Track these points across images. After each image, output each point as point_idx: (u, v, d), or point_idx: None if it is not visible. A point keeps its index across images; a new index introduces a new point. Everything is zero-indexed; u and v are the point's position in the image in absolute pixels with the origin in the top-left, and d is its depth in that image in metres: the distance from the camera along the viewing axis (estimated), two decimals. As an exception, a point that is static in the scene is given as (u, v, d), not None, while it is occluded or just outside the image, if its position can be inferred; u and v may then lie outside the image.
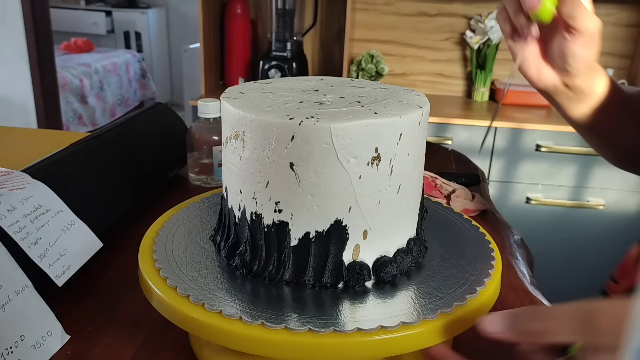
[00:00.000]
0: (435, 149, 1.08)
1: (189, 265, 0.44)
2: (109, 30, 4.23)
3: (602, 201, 1.72)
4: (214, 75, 2.00)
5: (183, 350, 0.46)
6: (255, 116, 0.39)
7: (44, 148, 0.71)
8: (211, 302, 0.38)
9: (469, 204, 0.75)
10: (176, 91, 4.48)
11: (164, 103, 0.87)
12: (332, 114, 0.39)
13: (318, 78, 0.51)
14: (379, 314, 0.38)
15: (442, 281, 0.42)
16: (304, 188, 0.39)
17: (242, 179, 0.42)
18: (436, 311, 0.38)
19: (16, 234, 0.47)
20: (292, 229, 0.41)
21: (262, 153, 0.40)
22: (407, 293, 0.41)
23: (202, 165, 0.80)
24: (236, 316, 0.37)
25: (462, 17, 1.94)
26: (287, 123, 0.38)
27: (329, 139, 0.38)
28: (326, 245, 0.41)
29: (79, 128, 3.13)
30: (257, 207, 0.41)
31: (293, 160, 0.39)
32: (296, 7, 1.93)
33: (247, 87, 0.48)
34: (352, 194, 0.40)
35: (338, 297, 0.40)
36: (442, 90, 2.04)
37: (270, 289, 0.41)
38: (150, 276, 0.42)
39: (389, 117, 0.39)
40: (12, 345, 0.42)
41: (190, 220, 0.51)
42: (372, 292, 0.41)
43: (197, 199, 0.56)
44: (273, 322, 0.36)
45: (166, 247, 0.46)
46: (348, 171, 0.39)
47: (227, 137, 0.43)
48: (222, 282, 0.42)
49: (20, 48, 2.12)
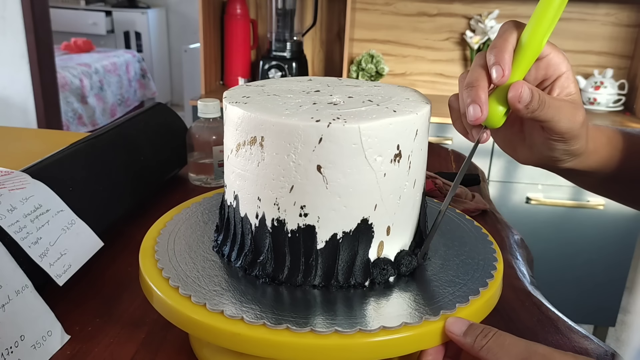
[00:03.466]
0: (435, 149, 1.08)
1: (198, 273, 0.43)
2: (109, 30, 4.23)
3: (602, 201, 1.72)
4: (214, 75, 2.00)
5: (183, 350, 0.46)
6: (277, 120, 0.38)
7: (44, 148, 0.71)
8: (230, 309, 0.38)
9: (469, 204, 0.75)
10: (176, 91, 4.48)
11: (164, 103, 0.87)
12: (355, 114, 0.39)
13: (307, 78, 0.51)
14: (402, 311, 0.39)
15: (447, 279, 0.43)
16: (331, 190, 0.39)
17: (261, 185, 0.40)
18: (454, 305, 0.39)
19: (16, 233, 0.47)
20: (318, 231, 0.40)
21: (286, 157, 0.39)
22: (428, 285, 0.42)
23: (202, 165, 0.80)
24: (257, 322, 0.37)
25: (462, 17, 1.94)
26: (314, 125, 0.38)
27: (358, 139, 0.38)
28: (354, 244, 0.41)
29: (79, 128, 3.13)
30: (280, 213, 0.40)
31: (320, 162, 0.38)
32: (296, 7, 1.93)
33: (248, 90, 0.46)
34: (378, 192, 0.40)
35: (365, 295, 0.41)
36: (442, 90, 2.04)
37: (294, 292, 0.41)
38: (151, 277, 0.42)
39: (406, 114, 0.40)
40: (12, 345, 0.42)
41: (191, 221, 0.51)
42: (395, 288, 0.42)
43: (200, 199, 0.56)
44: (299, 325, 0.36)
45: (168, 249, 0.46)
46: (374, 170, 0.39)
47: (238, 143, 0.42)
48: (231, 284, 0.41)
49: (20, 48, 2.12)
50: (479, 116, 0.42)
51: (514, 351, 0.35)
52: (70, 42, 3.65)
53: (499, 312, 0.43)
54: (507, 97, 0.42)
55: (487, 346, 0.35)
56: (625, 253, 1.77)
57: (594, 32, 1.89)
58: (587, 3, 1.86)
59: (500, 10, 1.88)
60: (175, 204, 0.55)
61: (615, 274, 1.79)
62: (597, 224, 1.75)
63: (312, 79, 0.51)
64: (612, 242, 1.76)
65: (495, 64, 0.42)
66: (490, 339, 0.36)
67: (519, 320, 0.53)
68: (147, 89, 3.96)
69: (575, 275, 1.81)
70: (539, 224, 1.77)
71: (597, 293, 1.82)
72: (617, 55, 1.91)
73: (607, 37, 1.89)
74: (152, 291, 0.41)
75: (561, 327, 0.51)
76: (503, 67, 0.42)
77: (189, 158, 0.81)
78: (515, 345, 0.35)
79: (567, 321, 0.52)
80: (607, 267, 1.79)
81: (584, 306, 1.85)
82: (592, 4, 1.86)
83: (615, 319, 1.85)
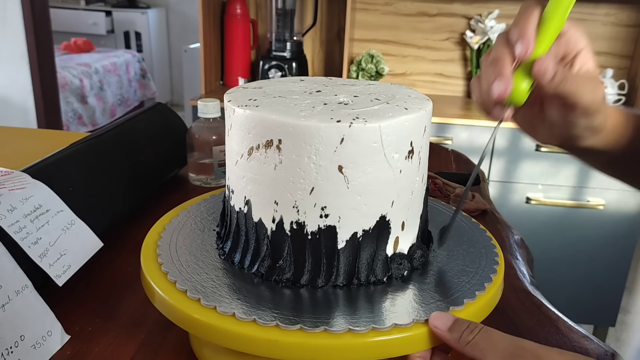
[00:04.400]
0: (435, 149, 1.08)
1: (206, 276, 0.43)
2: (109, 30, 4.23)
3: (602, 201, 1.72)
4: (214, 75, 2.00)
5: (183, 350, 0.46)
6: (295, 122, 0.38)
7: (44, 148, 0.71)
8: (248, 312, 0.37)
9: (469, 204, 0.75)
10: (176, 91, 4.48)
11: (164, 103, 0.87)
12: (371, 113, 0.40)
13: (298, 79, 0.51)
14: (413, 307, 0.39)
15: (453, 276, 0.44)
16: (352, 189, 0.39)
17: (279, 189, 0.40)
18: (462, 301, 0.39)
19: (16, 234, 0.47)
20: (339, 231, 0.40)
21: (307, 159, 0.38)
22: (444, 276, 0.43)
23: (202, 165, 0.80)
24: (272, 324, 0.36)
25: (462, 17, 1.94)
26: (335, 126, 0.38)
27: (378, 138, 0.39)
28: (373, 242, 0.41)
29: (79, 128, 3.13)
30: (299, 216, 0.40)
31: (342, 162, 0.38)
32: (296, 7, 1.93)
33: (249, 92, 0.45)
34: (395, 189, 0.41)
35: (385, 292, 0.41)
36: (442, 90, 2.04)
37: (314, 293, 0.41)
38: (154, 278, 0.42)
39: (417, 111, 0.41)
40: (12, 345, 0.42)
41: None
42: (411, 282, 0.43)
43: (205, 197, 0.56)
44: (312, 325, 0.36)
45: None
46: (392, 167, 0.40)
47: (251, 147, 0.41)
48: (244, 288, 0.41)
49: (20, 48, 2.12)
50: (504, 91, 0.42)
51: (500, 347, 0.34)
52: (70, 42, 3.65)
53: (499, 312, 0.43)
54: (530, 73, 0.43)
55: (474, 342, 0.35)
56: (625, 253, 1.77)
57: (594, 32, 1.89)
58: (587, 3, 1.86)
59: (500, 10, 1.88)
60: (175, 204, 0.55)
61: (615, 274, 1.79)
62: (597, 224, 1.75)
63: (304, 79, 0.50)
64: (612, 242, 1.76)
65: (519, 39, 0.43)
66: (477, 334, 0.35)
67: (519, 320, 0.53)
68: (147, 89, 3.96)
69: (575, 275, 1.81)
70: (539, 224, 1.77)
71: (597, 293, 1.82)
72: (617, 55, 1.91)
73: (607, 37, 1.89)
74: (165, 300, 0.41)
75: (561, 327, 0.51)
76: (527, 42, 0.42)
77: (189, 158, 0.81)
78: (502, 341, 0.35)
79: (567, 321, 0.52)
80: (607, 267, 1.79)
81: (584, 306, 1.85)
82: (592, 4, 1.86)
83: (615, 319, 1.85)
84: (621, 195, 1.71)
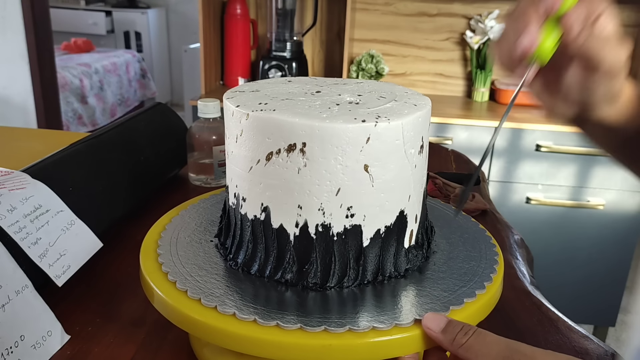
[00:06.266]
0: (435, 149, 1.08)
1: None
2: (109, 30, 4.23)
3: (602, 201, 1.72)
4: (214, 75, 2.00)
5: (183, 350, 0.46)
6: (321, 124, 0.38)
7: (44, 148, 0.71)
8: (266, 316, 0.37)
9: (469, 204, 0.75)
10: (176, 91, 4.48)
11: (164, 103, 0.87)
12: (388, 111, 0.41)
13: (286, 79, 0.51)
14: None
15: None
16: (377, 187, 0.40)
17: (303, 192, 0.40)
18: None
19: (16, 234, 0.47)
20: (364, 230, 0.41)
21: (333, 161, 0.38)
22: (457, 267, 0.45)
23: (202, 165, 0.80)
24: (293, 327, 0.36)
25: (462, 17, 1.94)
26: (362, 126, 0.38)
27: (400, 135, 0.40)
28: (393, 237, 0.42)
29: (79, 128, 3.13)
30: (325, 218, 0.40)
31: (367, 162, 0.39)
32: (296, 7, 1.93)
33: (251, 97, 0.44)
34: (412, 183, 0.42)
35: (402, 286, 0.42)
36: (442, 90, 2.04)
37: (340, 293, 0.41)
38: (153, 279, 0.42)
39: (424, 107, 0.43)
40: (12, 345, 0.42)
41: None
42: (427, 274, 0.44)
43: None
44: (336, 326, 0.36)
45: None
46: (410, 163, 0.41)
47: (270, 152, 0.40)
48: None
49: (20, 48, 2.12)
50: (530, 46, 0.42)
51: (495, 350, 0.34)
52: (70, 42, 3.65)
53: (499, 312, 0.43)
54: (555, 30, 0.43)
55: (467, 344, 0.34)
56: (625, 253, 1.77)
57: (594, 32, 1.89)
58: (587, 3, 1.85)
59: (500, 10, 1.88)
60: (175, 204, 0.55)
61: (615, 274, 1.79)
62: (597, 224, 1.75)
63: (291, 80, 0.50)
64: (612, 242, 1.76)
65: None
66: (471, 336, 0.35)
67: (519, 320, 0.53)
68: (147, 89, 3.96)
69: (575, 275, 1.81)
70: (539, 224, 1.77)
71: (597, 293, 1.82)
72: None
73: (607, 37, 1.89)
74: (164, 300, 0.41)
75: (561, 327, 0.51)
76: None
77: (189, 158, 0.81)
78: (496, 343, 0.34)
79: (567, 321, 0.52)
80: (607, 267, 1.79)
81: (584, 306, 1.85)
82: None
83: (615, 319, 1.85)
84: (621, 195, 1.71)
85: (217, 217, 0.52)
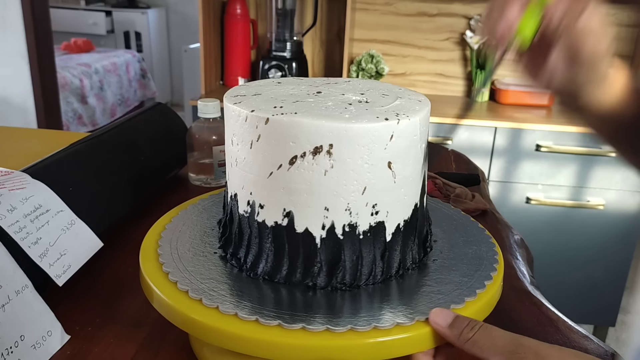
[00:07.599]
0: (435, 149, 1.08)
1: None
2: (109, 30, 4.23)
3: (602, 201, 1.72)
4: (214, 75, 2.00)
5: (183, 350, 0.46)
6: (347, 125, 0.38)
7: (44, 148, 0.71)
8: (288, 321, 0.37)
9: (469, 204, 0.75)
10: (176, 91, 4.48)
11: (164, 103, 0.87)
12: (403, 108, 0.42)
13: (277, 81, 0.50)
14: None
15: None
16: (398, 183, 0.41)
17: (329, 194, 0.39)
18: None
19: (16, 234, 0.47)
20: (387, 226, 0.41)
21: (360, 160, 0.39)
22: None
23: (202, 165, 0.80)
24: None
25: (462, 17, 1.94)
26: (386, 124, 0.39)
27: (417, 131, 0.41)
28: (411, 230, 0.43)
29: (79, 128, 3.12)
30: (352, 217, 0.40)
31: (391, 158, 0.40)
32: (296, 7, 1.93)
33: (259, 100, 0.43)
34: (422, 177, 0.44)
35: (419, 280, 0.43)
36: (442, 90, 2.04)
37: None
38: (153, 279, 0.42)
39: (427, 104, 0.44)
40: (12, 345, 0.42)
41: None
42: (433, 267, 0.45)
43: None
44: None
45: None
46: (422, 157, 0.43)
47: (294, 156, 0.39)
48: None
49: (20, 48, 2.12)
50: (510, 26, 0.43)
51: (500, 344, 0.34)
52: (70, 42, 3.65)
53: (499, 312, 0.43)
54: (539, 15, 0.44)
55: (474, 339, 0.35)
56: (625, 253, 1.77)
57: (594, 32, 1.89)
58: (587, 3, 1.85)
59: (500, 10, 1.87)
60: (175, 204, 0.55)
61: (615, 274, 1.79)
62: (597, 224, 1.75)
63: (280, 81, 0.50)
64: (612, 242, 1.76)
65: None
66: (477, 331, 0.35)
67: (519, 320, 0.53)
68: (147, 89, 3.95)
69: (575, 275, 1.81)
70: (539, 224, 1.77)
71: (597, 293, 1.82)
72: (617, 55, 1.91)
73: (607, 37, 1.89)
74: (164, 300, 0.41)
75: (561, 327, 0.51)
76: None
77: (188, 158, 0.81)
78: (502, 338, 0.35)
79: (567, 321, 0.52)
80: (607, 267, 1.79)
81: (584, 306, 1.85)
82: (592, 4, 1.86)
83: (615, 319, 1.85)
84: (621, 195, 1.71)
85: (217, 217, 0.52)
